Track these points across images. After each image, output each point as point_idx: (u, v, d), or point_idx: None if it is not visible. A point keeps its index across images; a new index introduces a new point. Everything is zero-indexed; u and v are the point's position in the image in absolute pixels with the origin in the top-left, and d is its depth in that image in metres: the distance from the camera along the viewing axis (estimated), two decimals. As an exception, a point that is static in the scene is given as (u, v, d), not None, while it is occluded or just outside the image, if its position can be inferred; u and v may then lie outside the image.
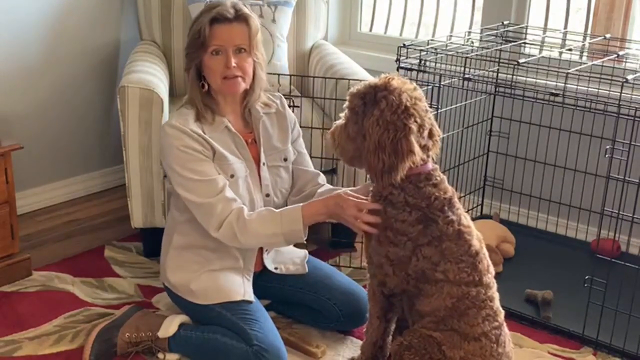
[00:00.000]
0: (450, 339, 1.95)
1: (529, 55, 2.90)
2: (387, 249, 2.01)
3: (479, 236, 2.04)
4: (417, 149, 1.93)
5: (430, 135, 2.02)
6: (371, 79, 2.02)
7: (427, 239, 1.96)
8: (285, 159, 2.36)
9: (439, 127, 2.10)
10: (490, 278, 2.02)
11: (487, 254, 2.04)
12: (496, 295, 2.04)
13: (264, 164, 2.31)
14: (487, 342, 1.95)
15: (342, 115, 2.07)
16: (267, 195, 2.31)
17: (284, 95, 2.49)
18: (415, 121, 1.94)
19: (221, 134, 2.23)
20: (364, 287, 2.46)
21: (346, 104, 2.04)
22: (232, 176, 2.21)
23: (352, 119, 2.01)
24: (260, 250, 2.38)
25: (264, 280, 2.40)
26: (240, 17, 2.18)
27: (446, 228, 1.96)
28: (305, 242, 2.18)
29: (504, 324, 2.04)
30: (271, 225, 2.13)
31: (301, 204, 2.16)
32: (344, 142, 2.04)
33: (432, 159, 2.04)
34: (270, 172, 2.32)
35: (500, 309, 2.04)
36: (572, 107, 2.54)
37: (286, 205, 2.33)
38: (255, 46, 2.22)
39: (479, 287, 1.97)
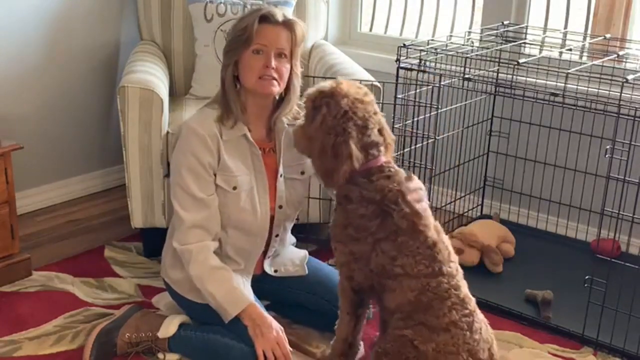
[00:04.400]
0: (420, 333, 1.95)
1: (529, 55, 2.90)
2: (351, 247, 2.05)
3: (437, 226, 2.07)
4: (355, 152, 2.00)
5: (380, 131, 2.09)
6: (322, 84, 2.10)
7: (384, 234, 2.00)
8: (303, 172, 2.35)
9: (439, 127, 2.12)
10: (452, 267, 2.03)
11: (447, 242, 2.06)
12: (463, 284, 2.04)
13: (281, 175, 2.30)
14: (458, 331, 1.95)
15: (302, 115, 2.17)
16: (280, 207, 2.30)
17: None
18: (356, 124, 2.01)
19: (237, 141, 2.23)
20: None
21: (302, 105, 2.14)
22: (234, 188, 2.21)
23: (306, 121, 2.11)
24: (263, 254, 2.37)
25: (263, 282, 2.40)
26: (288, 23, 2.20)
27: (401, 222, 1.99)
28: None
29: (477, 311, 2.03)
30: (217, 288, 2.16)
31: (252, 302, 2.18)
32: (302, 141, 2.13)
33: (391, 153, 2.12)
34: (285, 184, 2.32)
35: (470, 296, 2.04)
36: (572, 107, 2.54)
37: (295, 218, 2.42)
38: (296, 56, 2.24)
39: (440, 277, 1.98)
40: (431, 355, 1.93)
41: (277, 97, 2.27)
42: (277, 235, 2.35)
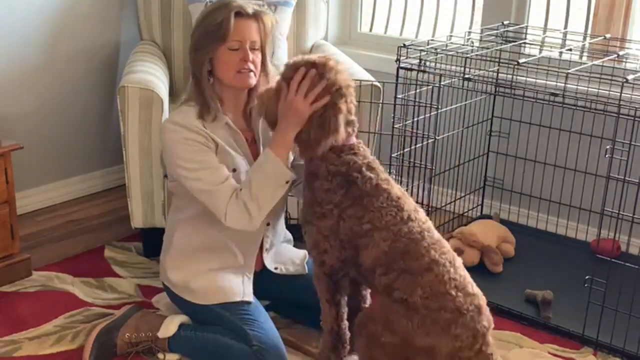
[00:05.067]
0: (405, 284, 1.95)
1: (529, 55, 2.90)
2: (318, 225, 2.07)
3: (401, 189, 2.09)
4: (342, 128, 2.03)
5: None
6: (310, 56, 2.11)
7: (350, 201, 2.03)
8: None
9: (439, 127, 2.13)
10: (421, 214, 2.05)
11: (410, 199, 2.08)
12: (434, 230, 2.05)
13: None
14: (441, 268, 1.94)
15: (274, 80, 2.16)
16: None
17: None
18: (345, 101, 2.05)
19: (222, 130, 2.24)
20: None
21: (282, 73, 2.12)
22: (234, 170, 2.22)
23: (282, 85, 2.09)
24: (261, 249, 2.38)
25: (263, 281, 2.40)
26: (258, 14, 2.21)
27: (364, 186, 2.03)
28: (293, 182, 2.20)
29: (454, 252, 2.04)
30: (259, 184, 2.12)
31: (269, 148, 2.15)
32: (272, 106, 2.11)
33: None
34: None
35: (442, 239, 2.04)
36: (572, 107, 2.54)
37: (285, 204, 2.40)
38: (269, 44, 2.27)
39: (410, 222, 2.00)
40: (421, 304, 1.92)
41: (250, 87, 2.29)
42: (268, 224, 2.35)
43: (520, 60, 2.53)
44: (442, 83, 2.69)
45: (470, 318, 1.91)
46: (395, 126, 2.68)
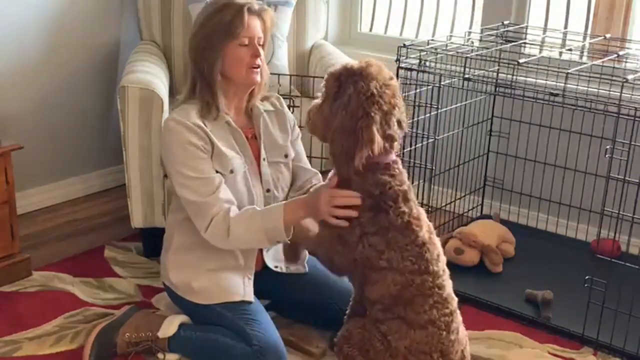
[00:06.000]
0: (396, 328, 1.95)
1: (529, 55, 2.90)
2: (339, 231, 2.01)
3: (430, 228, 2.04)
4: (377, 138, 1.91)
5: (400, 126, 2.01)
6: (350, 62, 2.01)
7: (375, 228, 1.97)
8: (286, 156, 2.37)
9: (439, 127, 2.11)
10: (439, 267, 2.00)
11: (438, 244, 2.03)
12: (447, 284, 2.02)
13: (264, 159, 2.31)
14: (435, 330, 1.94)
15: (319, 94, 2.07)
16: (268, 190, 2.31)
17: (284, 95, 2.50)
18: (381, 109, 1.93)
19: (222, 130, 2.24)
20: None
21: (323, 82, 2.04)
22: (231, 171, 2.22)
23: (327, 99, 2.01)
24: (261, 249, 2.38)
25: (264, 280, 2.40)
26: (262, 12, 2.24)
27: (395, 219, 1.96)
28: (289, 242, 2.17)
29: (457, 312, 2.03)
30: (253, 223, 2.14)
31: (284, 202, 2.17)
32: (318, 121, 2.04)
33: (397, 151, 2.04)
34: (270, 168, 2.33)
35: (453, 295, 2.02)
36: (572, 107, 2.54)
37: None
38: (267, 42, 2.29)
39: (425, 275, 1.96)
40: (402, 353, 1.93)
41: None
42: None
43: (520, 60, 2.53)
44: (442, 83, 2.69)
45: None
46: (396, 126, 2.68)
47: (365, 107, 1.91)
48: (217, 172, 2.20)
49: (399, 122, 2.00)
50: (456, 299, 2.04)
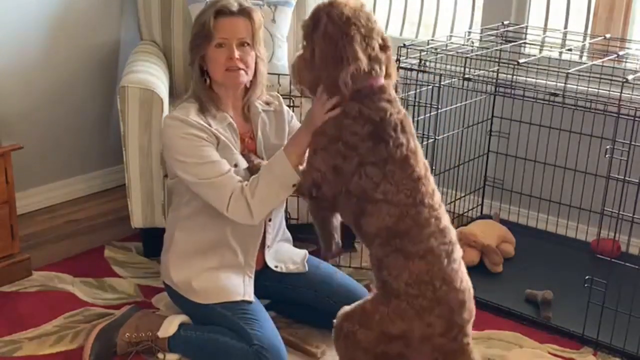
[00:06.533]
0: (394, 262, 1.92)
1: (529, 55, 2.90)
2: (336, 161, 1.98)
3: (426, 164, 2.02)
4: (361, 55, 1.91)
5: (384, 48, 2.00)
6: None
7: (373, 159, 1.95)
8: None
9: (439, 127, 2.10)
10: (435, 201, 1.99)
11: (432, 180, 2.02)
12: (444, 218, 1.99)
13: (262, 159, 2.31)
14: (434, 259, 1.92)
15: (300, 46, 2.08)
16: None
17: (284, 95, 2.50)
18: (359, 31, 1.92)
19: (224, 129, 2.25)
20: (365, 286, 2.47)
21: (302, 27, 2.03)
22: (235, 165, 2.22)
23: (307, 46, 2.01)
24: (262, 247, 2.38)
25: (264, 279, 2.40)
26: (244, 11, 2.23)
27: (394, 151, 1.94)
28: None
29: (458, 245, 1.99)
30: (267, 179, 2.12)
31: (282, 148, 2.14)
32: (303, 70, 2.04)
33: (390, 76, 2.02)
34: None
35: (451, 227, 1.99)
36: (572, 107, 2.54)
37: (285, 202, 2.38)
38: (258, 41, 2.27)
39: (420, 206, 1.94)
40: (402, 290, 1.91)
41: (247, 85, 2.30)
42: (270, 220, 2.36)
43: (520, 60, 2.53)
44: (442, 83, 2.69)
45: (448, 310, 1.91)
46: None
47: (343, 28, 1.91)
48: None
49: (384, 44, 1.99)
50: (454, 230, 2.01)
